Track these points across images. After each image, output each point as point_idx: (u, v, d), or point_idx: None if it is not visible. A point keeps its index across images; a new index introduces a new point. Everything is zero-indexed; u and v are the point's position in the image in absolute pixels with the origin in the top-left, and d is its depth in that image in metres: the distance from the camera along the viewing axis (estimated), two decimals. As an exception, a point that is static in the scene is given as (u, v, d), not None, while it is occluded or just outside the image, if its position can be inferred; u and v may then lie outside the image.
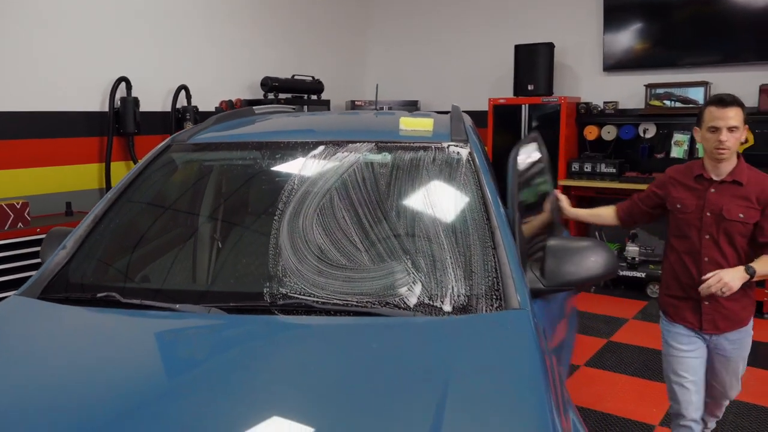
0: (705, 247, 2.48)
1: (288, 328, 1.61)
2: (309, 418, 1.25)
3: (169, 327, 1.64)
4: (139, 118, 4.72)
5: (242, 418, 1.24)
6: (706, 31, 5.38)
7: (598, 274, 1.81)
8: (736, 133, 2.37)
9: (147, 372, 1.45)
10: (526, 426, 1.22)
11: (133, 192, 2.12)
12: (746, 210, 2.40)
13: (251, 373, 1.42)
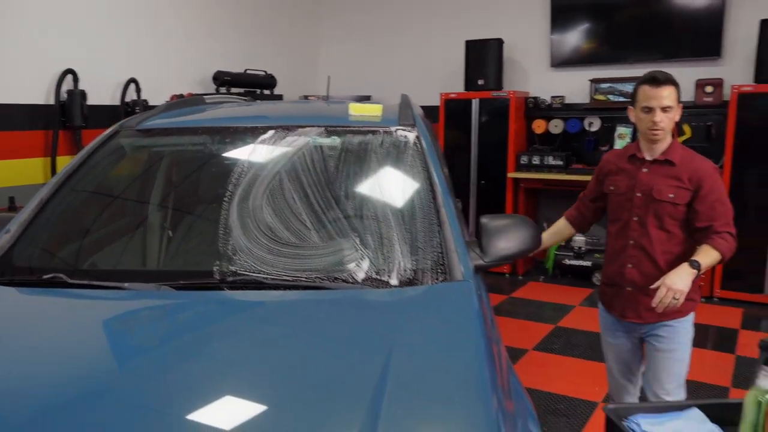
0: (632, 229, 2.38)
1: (238, 302, 1.64)
2: (256, 389, 1.28)
3: (118, 304, 1.64)
4: (86, 111, 4.61)
5: (196, 388, 1.27)
6: (646, 30, 5.61)
7: (529, 248, 1.94)
8: (671, 112, 2.27)
9: (98, 350, 1.46)
10: (467, 384, 1.28)
11: (80, 177, 2.11)
12: (677, 190, 2.30)
13: (203, 345, 1.44)
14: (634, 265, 2.38)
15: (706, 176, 2.27)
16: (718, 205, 2.26)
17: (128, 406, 1.23)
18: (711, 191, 2.26)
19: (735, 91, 4.85)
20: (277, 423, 1.18)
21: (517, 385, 1.53)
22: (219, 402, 1.23)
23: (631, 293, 2.40)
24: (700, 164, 2.30)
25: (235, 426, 1.15)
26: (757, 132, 4.82)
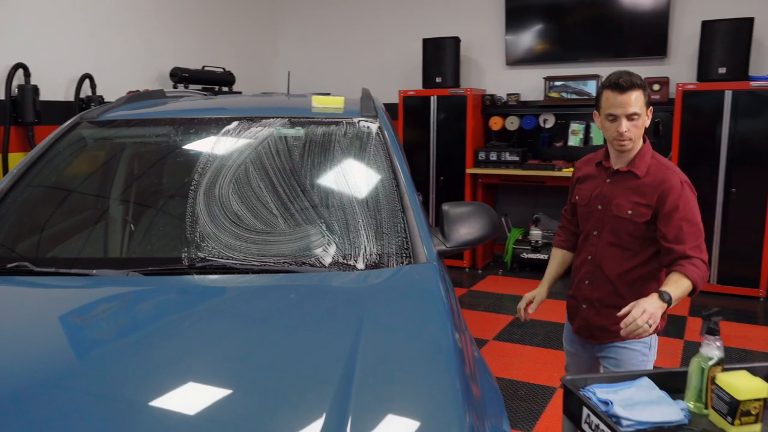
0: (591, 243, 2.18)
1: (208, 287, 1.66)
2: (225, 370, 1.30)
3: (86, 290, 1.64)
4: (39, 107, 4.51)
5: (168, 371, 1.29)
6: (597, 31, 5.81)
7: (489, 233, 2.03)
8: (638, 120, 2.01)
9: (67, 336, 1.46)
10: (433, 346, 1.35)
11: (40, 168, 2.08)
12: (635, 207, 2.05)
13: (174, 329, 1.46)
14: (590, 282, 2.19)
15: (671, 191, 2.00)
16: (686, 225, 1.98)
17: (96, 391, 1.24)
18: (676, 209, 1.98)
19: (680, 89, 5.07)
20: (246, 404, 1.19)
21: (479, 358, 1.61)
22: (189, 384, 1.25)
23: (586, 311, 2.20)
24: (667, 177, 2.03)
25: (206, 407, 1.17)
26: (700, 127, 5.05)
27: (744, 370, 1.46)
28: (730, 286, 5.04)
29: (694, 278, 1.91)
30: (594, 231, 2.17)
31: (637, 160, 2.08)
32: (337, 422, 1.11)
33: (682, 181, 2.03)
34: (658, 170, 2.05)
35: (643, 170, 2.06)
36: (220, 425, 1.13)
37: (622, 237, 2.09)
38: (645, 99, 2.02)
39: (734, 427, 1.38)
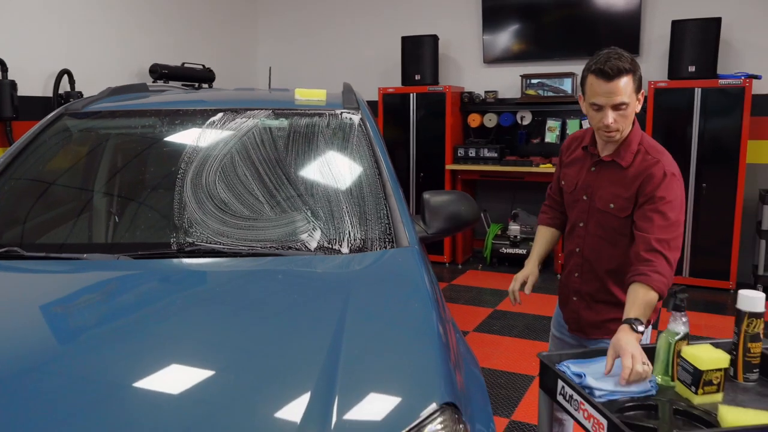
0: (578, 235, 2.03)
1: (197, 269, 1.71)
2: (217, 346, 1.36)
3: (76, 274, 1.68)
4: (17, 102, 4.48)
5: (164, 347, 1.34)
6: (572, 30, 5.93)
7: (468, 220, 2.10)
8: (626, 109, 1.80)
9: (58, 318, 1.49)
10: (415, 324, 1.42)
11: (26, 158, 2.10)
12: (617, 200, 1.90)
13: (166, 309, 1.51)
14: (579, 275, 2.05)
15: (650, 181, 1.83)
16: (658, 217, 1.79)
17: (89, 367, 1.28)
18: (651, 199, 1.81)
19: (651, 86, 5.21)
20: (233, 382, 1.24)
21: (457, 331, 1.69)
22: (178, 363, 1.29)
23: (576, 303, 2.07)
24: (649, 167, 1.85)
25: (193, 385, 1.21)
26: (672, 124, 5.20)
27: (707, 344, 1.55)
28: (701, 278, 5.19)
29: (659, 287, 1.73)
30: (580, 222, 2.02)
31: (622, 149, 1.89)
32: (323, 400, 1.16)
33: (666, 172, 1.83)
34: (643, 159, 1.86)
35: (627, 160, 1.88)
36: (208, 403, 1.17)
37: (608, 231, 1.94)
38: (634, 84, 1.80)
39: (698, 396, 1.46)
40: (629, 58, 1.80)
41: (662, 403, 1.47)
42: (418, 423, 1.12)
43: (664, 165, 1.84)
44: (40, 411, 1.14)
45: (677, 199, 1.82)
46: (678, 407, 1.45)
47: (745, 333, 1.56)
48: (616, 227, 1.92)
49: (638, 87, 1.83)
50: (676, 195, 1.83)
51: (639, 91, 1.84)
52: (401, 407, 1.16)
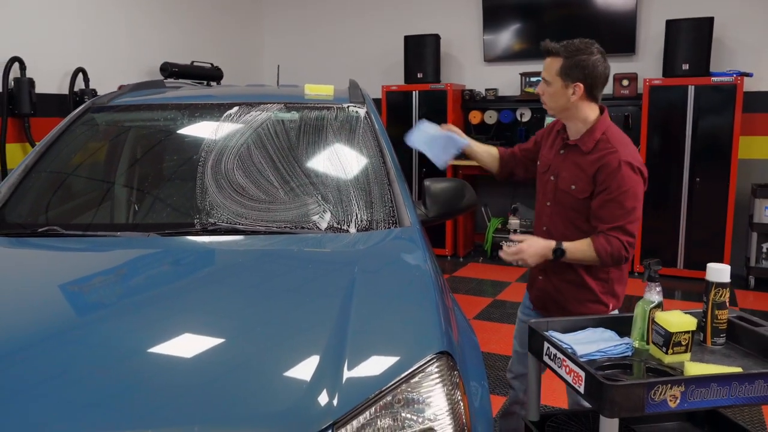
0: (545, 214, 2.18)
1: (221, 243, 1.89)
2: (237, 310, 1.54)
3: (112, 249, 1.86)
4: (34, 99, 4.67)
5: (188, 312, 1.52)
6: (570, 29, 6.04)
7: (467, 205, 2.29)
8: (549, 87, 2.02)
9: (97, 287, 1.68)
10: (417, 292, 1.60)
11: (60, 147, 2.29)
12: (578, 182, 2.03)
13: (193, 278, 1.69)
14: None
15: (604, 170, 1.96)
16: (613, 206, 1.95)
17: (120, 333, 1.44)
18: (607, 189, 1.95)
19: (647, 84, 5.38)
20: (249, 346, 1.38)
21: (455, 303, 1.87)
22: (199, 329, 1.45)
23: (542, 282, 2.21)
24: (608, 156, 1.98)
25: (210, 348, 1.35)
26: (666, 120, 5.37)
27: (678, 310, 1.72)
28: (695, 270, 5.35)
29: (598, 249, 1.95)
30: (547, 202, 2.16)
31: (587, 135, 2.04)
32: (336, 354, 1.33)
33: (621, 161, 1.95)
34: (603, 147, 2.00)
35: (589, 146, 2.02)
36: (227, 361, 1.32)
37: (569, 211, 2.08)
38: (560, 68, 1.98)
39: (668, 356, 1.63)
40: (567, 46, 1.99)
41: (636, 362, 1.65)
42: (416, 368, 1.30)
43: (620, 155, 1.96)
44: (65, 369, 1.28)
45: (631, 189, 1.95)
46: (650, 365, 1.63)
47: (712, 301, 1.73)
48: (576, 208, 2.06)
49: (566, 74, 1.98)
50: (630, 184, 1.95)
51: (568, 79, 1.98)
52: (402, 356, 1.34)
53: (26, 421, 1.16)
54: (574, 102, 2.02)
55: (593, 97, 2.04)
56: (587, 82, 1.99)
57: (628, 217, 1.96)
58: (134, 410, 1.19)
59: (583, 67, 1.97)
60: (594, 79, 1.99)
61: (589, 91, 2.01)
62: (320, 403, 1.20)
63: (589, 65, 1.98)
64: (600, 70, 2.00)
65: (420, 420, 1.25)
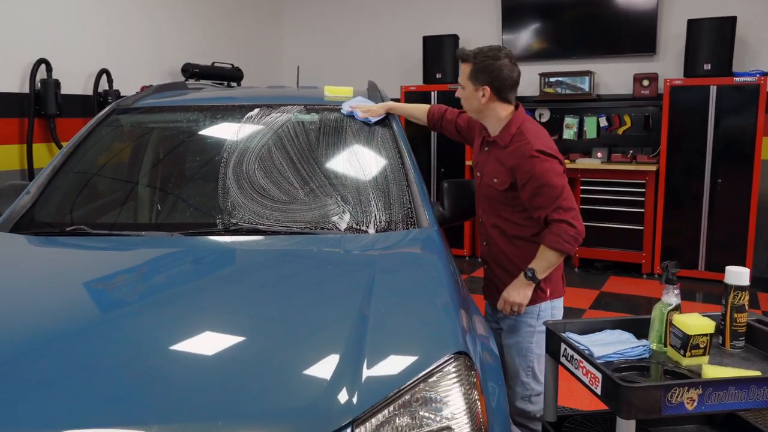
0: (480, 207, 2.30)
1: (241, 244, 1.93)
2: (258, 308, 1.57)
3: (137, 247, 1.91)
4: (60, 100, 4.76)
5: (210, 310, 1.56)
6: (590, 29, 6.07)
7: None
8: (464, 91, 2.16)
9: (126, 283, 1.72)
10: (436, 291, 1.63)
11: (86, 148, 2.35)
12: (499, 175, 2.15)
13: (215, 277, 1.73)
14: (486, 243, 2.30)
15: (522, 161, 2.06)
16: (544, 189, 2.04)
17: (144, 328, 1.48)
18: (531, 178, 2.05)
19: (668, 84, 5.33)
20: (269, 344, 1.41)
21: (469, 297, 1.89)
22: (221, 326, 1.49)
23: (486, 271, 2.33)
24: (520, 148, 2.08)
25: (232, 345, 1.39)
26: (687, 121, 5.32)
27: (696, 313, 1.72)
28: (716, 272, 5.29)
29: (556, 246, 2.04)
30: (480, 197, 2.28)
31: (503, 130, 2.15)
32: (355, 353, 1.35)
33: (535, 150, 2.04)
34: (518, 140, 2.10)
35: (506, 140, 2.14)
36: (247, 363, 1.34)
37: (495, 205, 2.20)
38: (469, 73, 2.12)
39: (686, 359, 1.64)
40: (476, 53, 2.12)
41: (654, 365, 1.65)
42: (434, 368, 1.32)
43: (533, 145, 2.07)
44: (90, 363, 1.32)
45: (552, 170, 2.05)
46: (667, 368, 1.63)
47: (731, 304, 1.73)
48: (499, 199, 2.17)
49: (475, 78, 2.11)
50: (548, 167, 2.05)
51: (477, 83, 2.11)
52: (420, 356, 1.36)
53: (50, 413, 1.20)
54: (485, 104, 2.14)
55: (503, 99, 2.14)
56: (494, 85, 2.11)
57: (562, 194, 2.05)
58: (158, 404, 1.23)
59: (489, 72, 2.10)
60: (500, 82, 2.11)
61: (497, 93, 2.12)
62: (340, 401, 1.22)
63: (494, 69, 2.10)
64: (506, 74, 2.11)
65: (438, 419, 1.27)
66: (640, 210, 5.57)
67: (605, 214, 5.67)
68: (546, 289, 2.20)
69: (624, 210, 5.63)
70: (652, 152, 5.75)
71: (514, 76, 2.14)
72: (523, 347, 2.22)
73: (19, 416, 1.18)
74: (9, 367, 1.32)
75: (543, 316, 2.18)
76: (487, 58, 2.10)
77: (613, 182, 5.63)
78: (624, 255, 5.67)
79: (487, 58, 2.10)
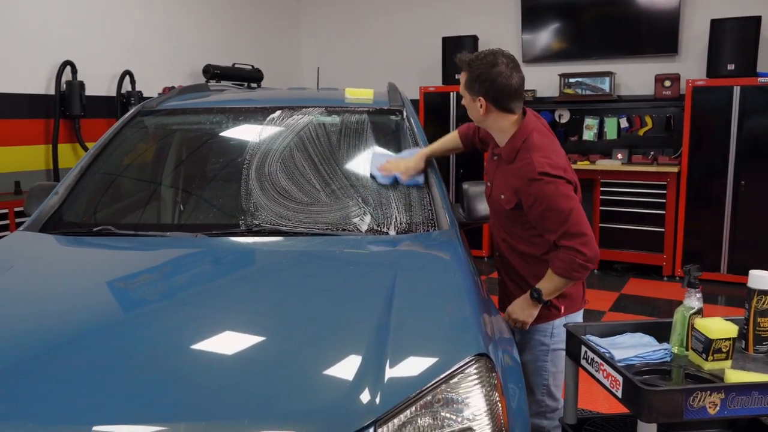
0: (492, 218, 2.21)
1: (263, 245, 1.96)
2: (280, 308, 1.60)
3: (162, 248, 1.95)
4: (84, 101, 4.85)
5: (233, 309, 1.59)
6: (611, 29, 6.03)
7: None
8: (465, 100, 2.03)
9: (149, 283, 1.76)
10: (456, 294, 1.64)
11: (112, 150, 2.40)
12: (505, 191, 2.02)
13: (238, 277, 1.76)
14: (499, 255, 2.22)
15: (525, 183, 1.92)
16: (549, 214, 1.91)
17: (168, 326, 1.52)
18: (536, 201, 1.91)
19: (690, 85, 5.28)
20: (292, 344, 1.43)
21: (489, 299, 1.90)
22: (245, 325, 1.51)
23: (500, 281, 2.25)
24: (523, 168, 1.93)
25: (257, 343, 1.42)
26: (710, 122, 5.25)
27: (719, 317, 1.71)
28: (740, 275, 5.23)
29: (559, 272, 1.92)
30: (493, 208, 2.17)
31: (508, 144, 2.00)
32: (377, 353, 1.36)
33: (538, 173, 1.89)
34: (522, 158, 1.95)
35: (510, 155, 1.99)
36: (270, 363, 1.37)
37: (503, 219, 2.09)
38: (466, 83, 1.97)
39: (708, 363, 1.63)
40: (472, 60, 1.96)
41: (675, 368, 1.65)
42: (455, 369, 1.33)
43: (536, 166, 1.90)
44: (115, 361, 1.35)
45: (559, 192, 1.88)
46: (689, 372, 1.63)
47: (755, 309, 1.72)
48: (507, 216, 2.05)
49: (470, 88, 1.96)
50: (554, 190, 1.88)
51: (473, 93, 1.96)
52: (441, 357, 1.37)
53: (78, 409, 1.23)
54: (484, 115, 1.99)
55: (503, 109, 1.97)
56: (489, 95, 1.94)
57: (569, 218, 1.89)
58: (183, 402, 1.25)
59: (483, 81, 1.93)
60: (496, 91, 1.93)
61: (495, 104, 1.96)
62: (363, 401, 1.24)
63: (488, 79, 1.92)
64: (501, 83, 1.92)
65: (459, 420, 1.29)
66: (661, 212, 5.52)
67: (625, 215, 5.63)
68: (560, 306, 2.08)
69: (644, 212, 5.58)
70: (673, 153, 5.69)
71: (513, 83, 1.93)
72: (537, 366, 2.13)
73: (47, 412, 1.22)
74: (38, 363, 1.36)
75: (557, 334, 2.07)
76: (481, 66, 1.93)
77: (634, 183, 5.58)
78: (644, 257, 5.62)
79: (481, 66, 1.93)
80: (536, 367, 2.13)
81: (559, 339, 2.04)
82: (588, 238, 1.90)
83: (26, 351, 1.40)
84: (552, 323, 2.09)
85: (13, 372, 1.32)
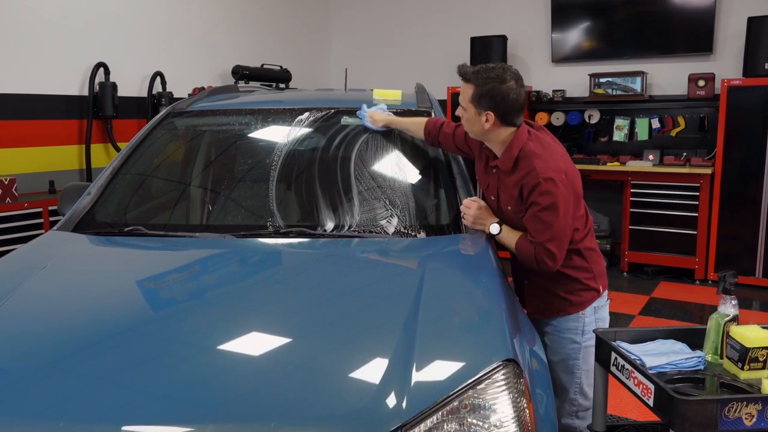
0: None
1: (291, 246, 1.97)
2: (308, 310, 1.60)
3: (191, 248, 1.97)
4: (117, 102, 4.94)
5: (260, 309, 1.60)
6: (643, 28, 5.91)
7: None
8: (466, 113, 2.00)
9: (179, 282, 1.78)
10: (484, 297, 1.62)
11: (143, 151, 2.43)
12: (510, 202, 2.02)
13: (266, 278, 1.77)
14: (513, 255, 2.17)
15: (528, 188, 1.94)
16: (534, 220, 1.93)
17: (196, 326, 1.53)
18: (533, 203, 1.93)
19: (725, 84, 5.15)
20: (319, 346, 1.44)
21: (516, 302, 1.88)
22: (273, 326, 1.52)
23: (526, 286, 2.23)
24: (527, 173, 1.94)
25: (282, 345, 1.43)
26: (746, 123, 5.12)
27: (755, 325, 1.67)
28: (775, 280, 5.10)
29: (518, 246, 1.99)
30: (501, 220, 2.12)
31: (505, 153, 2.01)
32: (404, 356, 1.36)
33: (541, 179, 1.90)
34: (523, 166, 1.96)
35: (507, 165, 2.00)
36: (297, 366, 1.37)
37: (514, 228, 2.06)
38: (471, 96, 1.95)
39: (744, 372, 1.59)
40: (479, 73, 1.93)
41: (709, 377, 1.61)
42: (482, 375, 1.32)
43: (539, 172, 1.90)
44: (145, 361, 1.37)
45: (553, 204, 1.89)
46: (724, 381, 1.58)
47: (793, 317, 1.66)
48: (518, 225, 2.04)
49: (477, 102, 1.94)
50: (550, 200, 1.89)
51: (480, 107, 1.94)
52: (469, 362, 1.36)
53: (108, 407, 1.25)
54: (489, 129, 1.98)
55: (508, 123, 1.98)
56: (498, 110, 1.94)
57: (546, 233, 1.92)
58: (211, 403, 1.26)
59: (493, 96, 1.93)
60: (506, 107, 1.94)
61: (502, 119, 1.96)
62: (389, 405, 1.23)
63: (499, 94, 1.92)
64: (512, 98, 1.93)
65: (486, 426, 1.27)
66: (693, 214, 5.40)
67: (656, 217, 5.52)
68: (598, 287, 2.09)
69: (676, 214, 5.46)
70: (707, 155, 5.56)
71: (521, 100, 1.95)
72: (569, 364, 2.13)
73: (77, 410, 1.24)
74: (68, 362, 1.38)
75: (587, 331, 2.08)
76: (491, 80, 1.92)
77: (666, 185, 5.48)
78: (676, 260, 5.51)
79: (491, 80, 1.92)
80: (568, 366, 2.13)
81: (590, 336, 2.04)
82: (557, 255, 1.94)
83: (57, 350, 1.42)
84: (582, 320, 2.09)
85: (45, 371, 1.35)
